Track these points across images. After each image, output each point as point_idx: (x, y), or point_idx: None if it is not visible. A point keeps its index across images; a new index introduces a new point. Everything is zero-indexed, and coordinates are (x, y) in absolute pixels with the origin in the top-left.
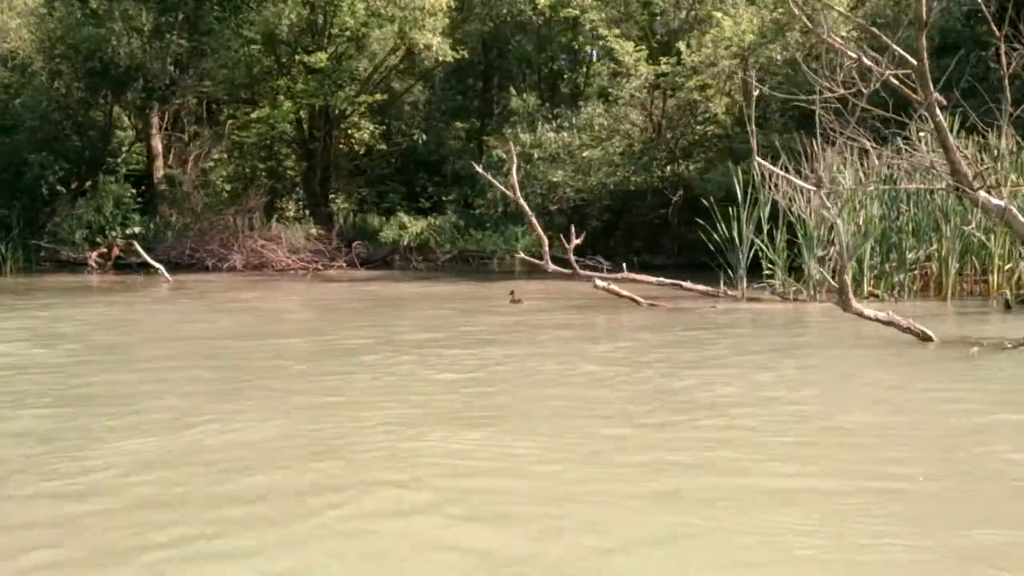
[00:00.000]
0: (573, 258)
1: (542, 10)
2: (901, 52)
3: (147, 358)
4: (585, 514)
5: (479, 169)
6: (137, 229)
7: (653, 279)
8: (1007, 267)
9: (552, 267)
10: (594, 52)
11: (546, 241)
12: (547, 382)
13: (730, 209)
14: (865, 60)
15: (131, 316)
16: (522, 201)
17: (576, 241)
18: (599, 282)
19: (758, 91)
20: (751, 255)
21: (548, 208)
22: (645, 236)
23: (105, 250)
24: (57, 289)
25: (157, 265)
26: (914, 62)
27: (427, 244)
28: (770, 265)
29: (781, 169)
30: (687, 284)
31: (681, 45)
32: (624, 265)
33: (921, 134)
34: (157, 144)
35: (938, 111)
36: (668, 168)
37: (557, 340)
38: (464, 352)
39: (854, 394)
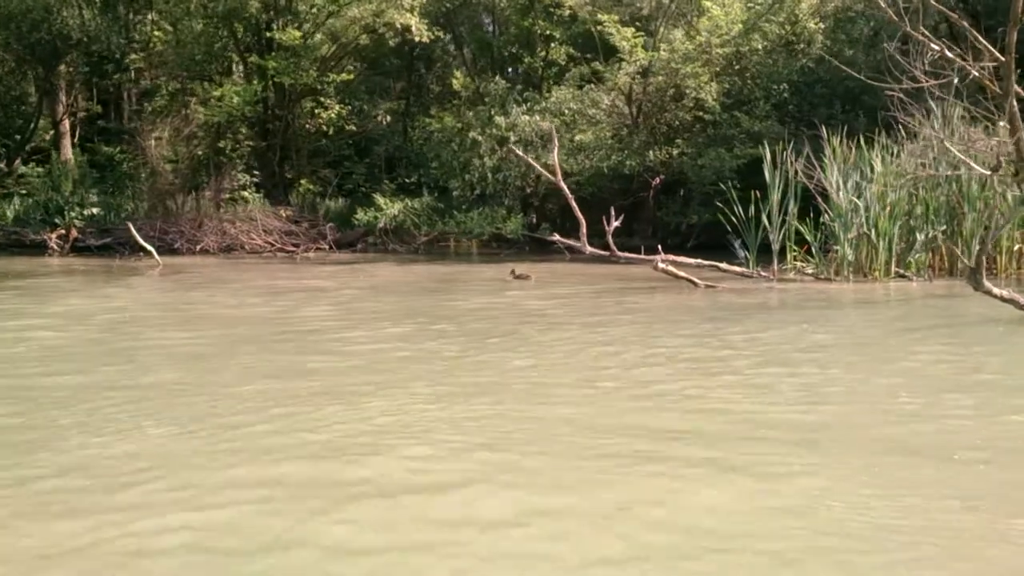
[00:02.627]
0: (611, 240)
1: None
2: (987, 46)
3: (232, 340)
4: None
5: (519, 152)
6: (95, 210)
7: (692, 261)
8: (1016, 247)
9: (590, 249)
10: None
11: (584, 224)
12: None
13: (754, 192)
14: (948, 53)
15: (165, 300)
16: (563, 184)
17: (616, 223)
18: (660, 264)
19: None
20: (763, 236)
21: (525, 191)
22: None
23: (63, 232)
24: (51, 273)
25: (149, 248)
26: (1001, 57)
27: (403, 226)
28: (795, 247)
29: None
30: (723, 265)
31: (678, 32)
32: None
33: (1002, 123)
34: (65, 124)
35: (1015, 103)
36: (650, 152)
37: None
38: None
39: None
